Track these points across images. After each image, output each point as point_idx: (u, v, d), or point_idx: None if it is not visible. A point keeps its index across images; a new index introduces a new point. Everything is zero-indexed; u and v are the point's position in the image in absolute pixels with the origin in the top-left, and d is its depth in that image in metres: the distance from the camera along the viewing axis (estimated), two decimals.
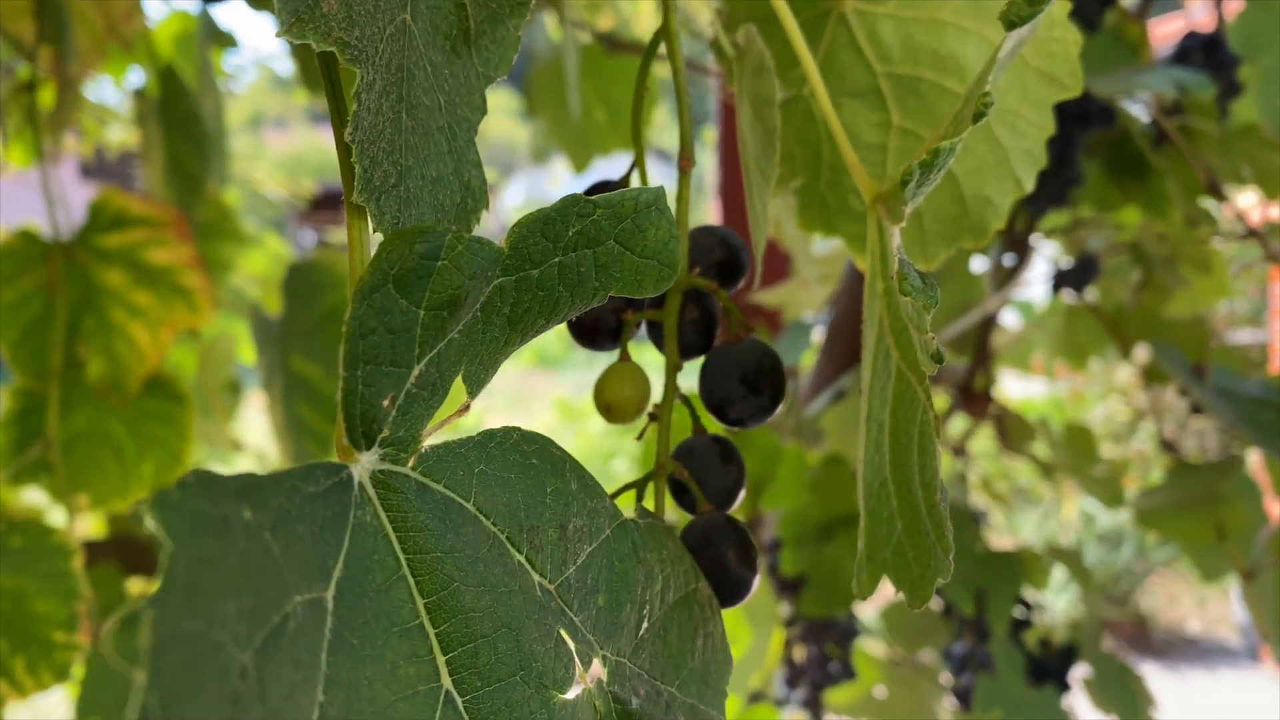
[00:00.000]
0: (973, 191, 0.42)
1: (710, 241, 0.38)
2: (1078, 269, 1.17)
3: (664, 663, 0.28)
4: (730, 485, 0.36)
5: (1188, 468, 1.23)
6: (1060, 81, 0.41)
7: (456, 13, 0.28)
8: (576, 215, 0.23)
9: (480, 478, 0.24)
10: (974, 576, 1.23)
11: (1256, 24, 0.88)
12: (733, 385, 0.36)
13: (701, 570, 0.32)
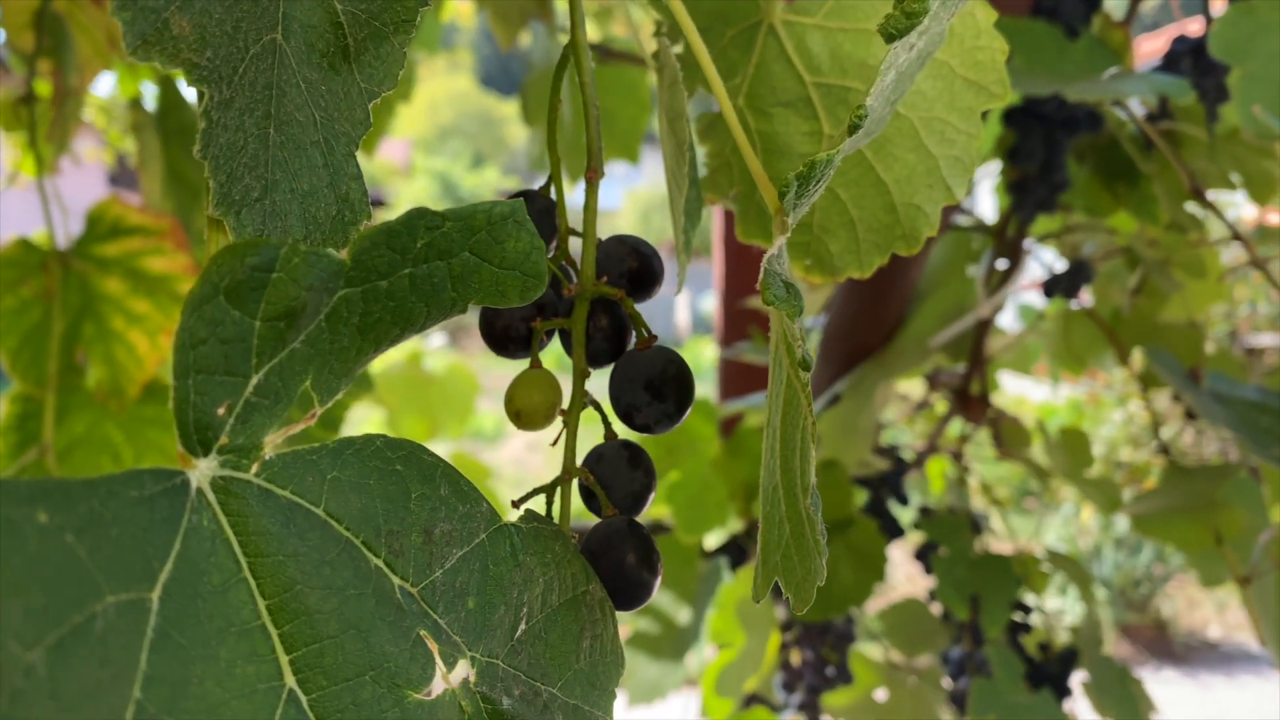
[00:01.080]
0: (903, 200, 0.43)
1: (621, 251, 0.39)
2: (1070, 274, 1.17)
3: (545, 664, 0.28)
4: (637, 490, 0.37)
5: (1183, 472, 1.23)
6: (988, 90, 0.41)
7: (333, 31, 0.29)
8: (424, 228, 0.24)
9: (333, 484, 0.24)
10: (969, 581, 1.24)
11: (1237, 29, 0.88)
12: (638, 392, 0.36)
13: (600, 574, 0.33)
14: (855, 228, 0.43)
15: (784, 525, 0.30)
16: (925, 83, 0.41)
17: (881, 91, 0.30)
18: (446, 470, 0.27)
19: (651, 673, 1.33)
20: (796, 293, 0.25)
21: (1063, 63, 0.90)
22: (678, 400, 0.36)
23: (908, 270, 1.21)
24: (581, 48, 0.36)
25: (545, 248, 0.25)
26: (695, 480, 1.33)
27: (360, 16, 0.29)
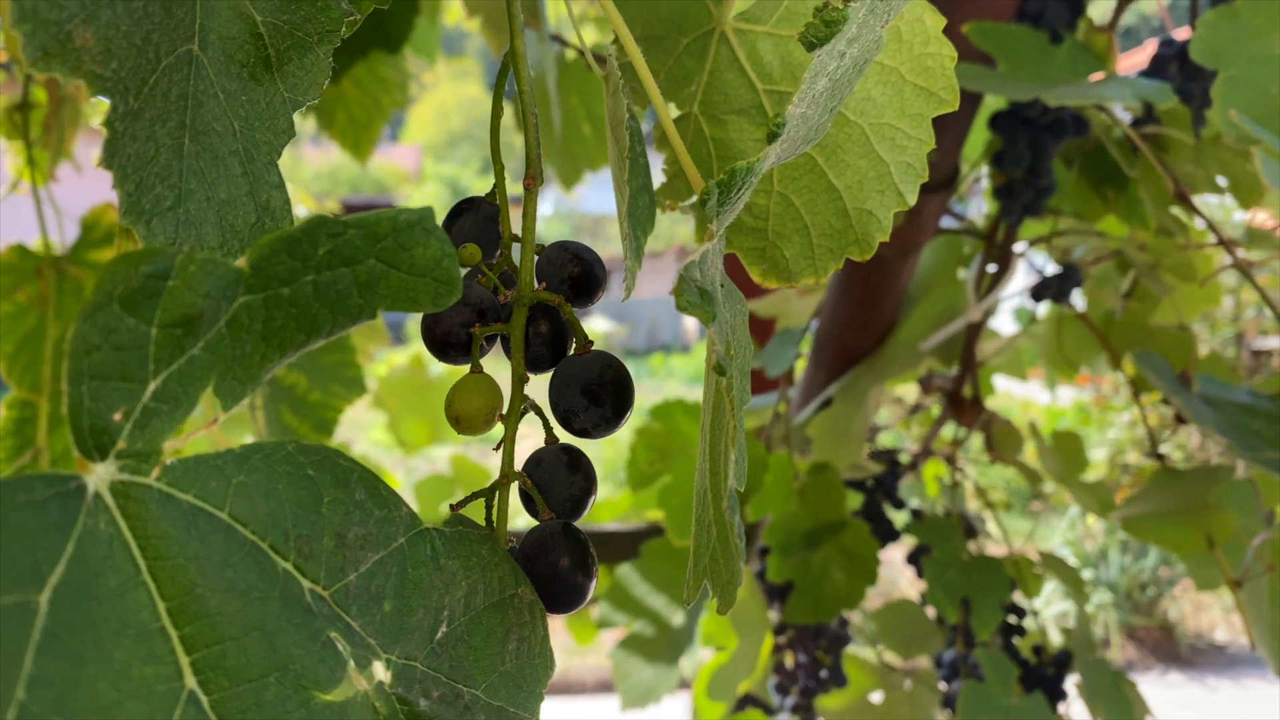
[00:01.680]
0: (855, 205, 0.43)
1: (563, 257, 0.39)
2: (1059, 278, 1.17)
3: (468, 666, 0.29)
4: (576, 494, 0.37)
5: (1174, 474, 1.23)
6: (938, 96, 0.42)
7: (253, 42, 0.29)
8: (326, 235, 0.24)
9: (239, 488, 0.25)
10: (960, 584, 1.24)
11: (1219, 33, 0.88)
12: (575, 397, 0.37)
13: (535, 577, 0.34)
14: (809, 233, 0.44)
15: (712, 529, 0.31)
16: (875, 89, 0.41)
17: (814, 98, 0.30)
18: (364, 475, 0.27)
19: (646, 676, 1.33)
20: (710, 298, 0.25)
21: (1046, 67, 0.91)
22: (615, 405, 0.37)
23: (898, 275, 1.22)
24: (520, 56, 0.37)
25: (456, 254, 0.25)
26: (688, 483, 1.33)
27: (282, 27, 0.30)
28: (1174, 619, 5.11)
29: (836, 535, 1.29)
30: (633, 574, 1.41)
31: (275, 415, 1.05)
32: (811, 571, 1.28)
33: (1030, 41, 0.92)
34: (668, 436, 1.33)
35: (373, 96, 1.25)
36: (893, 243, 1.16)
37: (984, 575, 1.25)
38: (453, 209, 0.41)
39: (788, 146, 0.32)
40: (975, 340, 1.28)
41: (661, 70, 0.45)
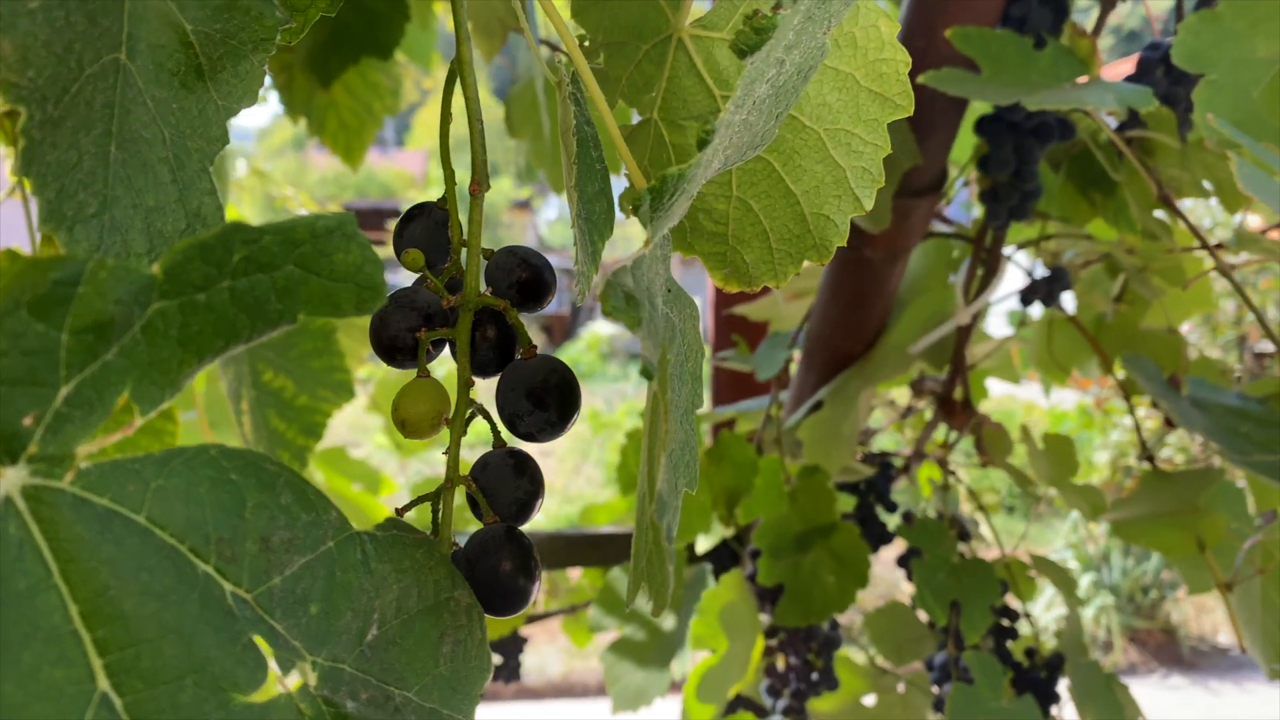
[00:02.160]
0: (813, 210, 0.43)
1: (511, 262, 0.40)
2: (1047, 281, 1.18)
3: (400, 668, 0.29)
4: (521, 498, 0.37)
5: (1164, 477, 1.23)
6: (893, 101, 0.42)
7: (183, 51, 0.30)
8: (241, 241, 0.24)
9: (157, 492, 0.25)
10: (949, 587, 1.24)
11: (1200, 37, 0.88)
12: (520, 401, 0.37)
13: (476, 580, 0.34)
14: (769, 238, 0.44)
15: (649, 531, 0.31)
16: (831, 95, 0.42)
17: (756, 105, 0.31)
18: (291, 479, 0.27)
19: (637, 679, 1.33)
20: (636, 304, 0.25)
21: (1028, 71, 0.91)
22: (560, 408, 0.37)
23: (887, 278, 1.22)
24: (466, 63, 0.37)
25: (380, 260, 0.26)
26: None
27: (214, 36, 0.30)
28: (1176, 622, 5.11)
29: (827, 538, 1.29)
30: (623, 577, 1.41)
31: (262, 419, 1.05)
32: (802, 574, 1.28)
33: (1013, 46, 0.92)
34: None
35: (364, 102, 1.25)
36: (881, 246, 1.17)
37: (974, 578, 1.25)
38: (404, 214, 0.41)
39: (732, 153, 0.32)
40: (965, 343, 1.28)
41: (623, 76, 0.45)
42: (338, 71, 1.17)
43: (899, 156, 1.03)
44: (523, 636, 1.98)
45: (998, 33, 0.92)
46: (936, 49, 0.99)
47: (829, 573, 1.28)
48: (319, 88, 1.20)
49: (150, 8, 0.29)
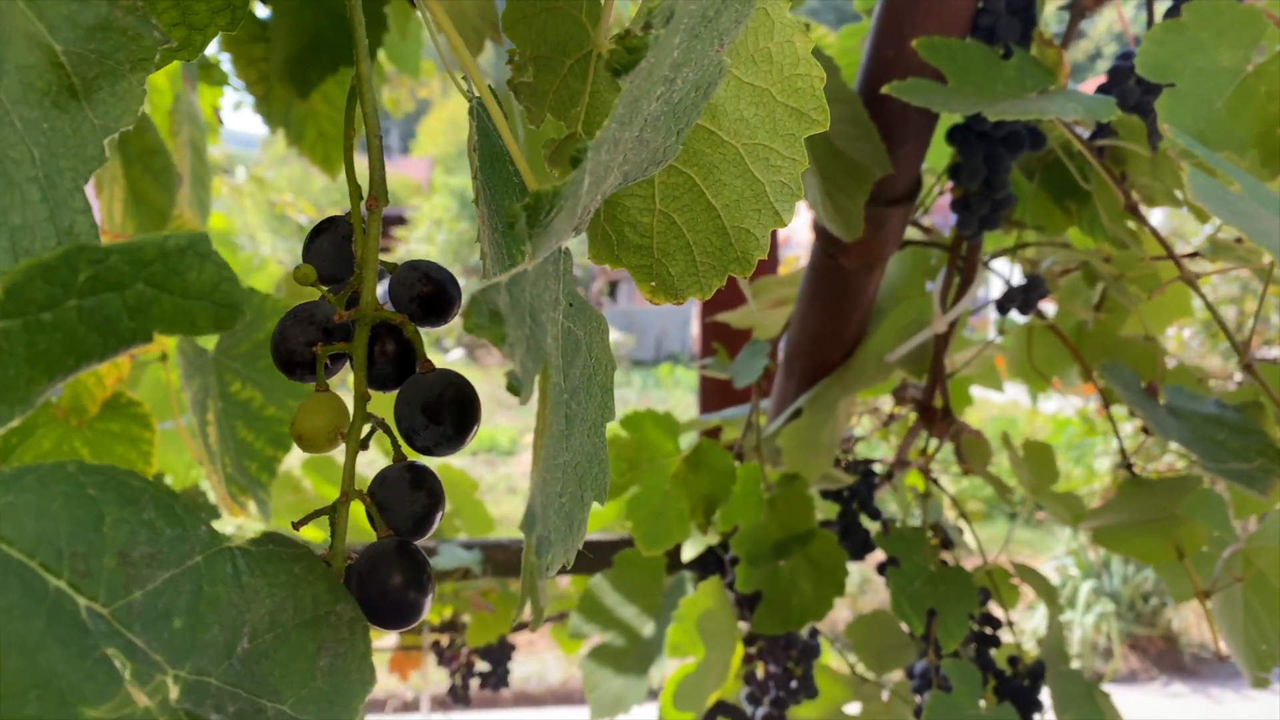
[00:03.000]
0: (733, 224, 0.44)
1: (413, 276, 0.40)
2: (1024, 289, 1.18)
3: (273, 681, 0.30)
4: (419, 512, 0.38)
5: (1141, 484, 1.23)
6: (808, 116, 0.42)
7: (54, 72, 0.30)
8: (86, 261, 0.25)
9: (6, 508, 0.25)
10: (926, 595, 1.24)
11: (1165, 48, 0.88)
12: (416, 416, 0.37)
13: (364, 594, 0.34)
14: (692, 251, 0.45)
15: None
16: (748, 110, 0.42)
17: (649, 121, 0.31)
18: (157, 495, 0.28)
19: (615, 686, 1.34)
20: (501, 319, 0.25)
21: (993, 81, 0.91)
22: (456, 423, 0.37)
23: (864, 287, 1.22)
24: (365, 80, 0.38)
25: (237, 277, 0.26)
26: (656, 494, 1.34)
27: (89, 56, 0.31)
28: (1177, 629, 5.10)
29: (805, 546, 1.30)
30: (604, 584, 1.41)
31: (229, 430, 1.06)
32: (780, 582, 1.29)
33: (978, 56, 0.92)
34: (637, 447, 1.34)
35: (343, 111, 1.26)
36: (856, 255, 1.17)
37: (952, 586, 1.25)
38: (314, 228, 0.42)
39: (631, 169, 0.33)
40: (943, 351, 1.28)
41: (550, 91, 0.46)
42: (316, 82, 1.18)
43: (870, 166, 1.03)
44: (511, 644, 1.98)
45: (964, 43, 0.93)
46: (905, 59, 1.00)
47: (807, 581, 1.29)
48: (297, 98, 1.20)
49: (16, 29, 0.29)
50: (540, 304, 0.29)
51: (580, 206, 0.30)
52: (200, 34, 0.33)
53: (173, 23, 0.34)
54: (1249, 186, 0.76)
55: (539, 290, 0.30)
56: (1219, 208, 0.67)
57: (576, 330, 0.33)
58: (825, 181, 1.06)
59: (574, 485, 0.33)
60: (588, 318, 0.35)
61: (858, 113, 1.02)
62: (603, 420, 0.35)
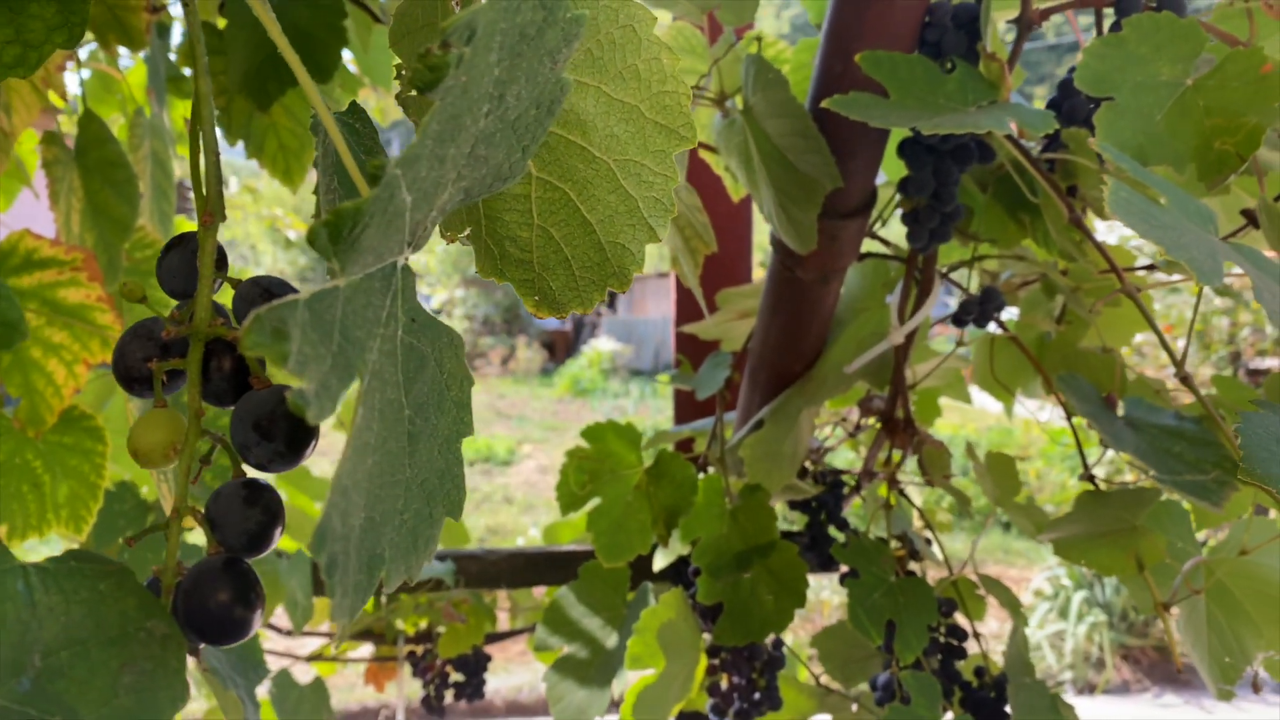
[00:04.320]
0: (609, 239, 0.44)
1: (254, 292, 0.40)
2: (979, 301, 1.18)
3: (69, 699, 0.30)
4: (253, 529, 0.37)
5: (1099, 496, 1.23)
6: (677, 133, 0.43)
7: None
8: None
9: None
10: (886, 607, 1.24)
11: (1104, 62, 0.89)
12: (248, 432, 0.37)
13: (189, 610, 0.35)
14: (571, 265, 0.45)
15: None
16: (617, 127, 0.43)
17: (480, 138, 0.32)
18: None
19: (578, 698, 1.34)
20: (284, 337, 0.26)
21: (934, 95, 0.92)
22: (288, 440, 0.37)
23: (822, 299, 1.23)
24: (204, 96, 0.38)
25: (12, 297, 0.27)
26: (618, 506, 1.34)
27: None
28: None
29: (766, 557, 1.30)
30: (569, 596, 1.41)
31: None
32: (741, 593, 1.29)
33: (920, 70, 0.93)
34: (599, 458, 1.34)
35: (304, 124, 1.27)
36: (812, 268, 1.18)
37: (911, 598, 1.26)
38: (166, 244, 0.42)
39: (472, 184, 0.33)
40: (903, 362, 1.29)
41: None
42: (275, 95, 1.18)
43: (820, 179, 1.04)
44: (486, 654, 1.98)
45: (908, 57, 0.93)
46: (852, 74, 1.00)
47: (768, 592, 1.29)
48: (258, 111, 1.21)
49: None
50: (357, 321, 0.30)
51: (406, 222, 0.31)
52: (36, 52, 0.34)
53: (6, 40, 0.34)
54: (1177, 200, 0.77)
55: (357, 307, 0.30)
56: (1137, 221, 0.68)
57: (421, 346, 0.34)
58: (778, 194, 1.07)
59: (420, 502, 0.34)
60: (436, 334, 0.35)
61: (807, 126, 1.03)
62: (457, 435, 0.36)
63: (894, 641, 1.21)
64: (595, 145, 0.43)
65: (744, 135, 1.09)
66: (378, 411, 0.31)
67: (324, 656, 1.93)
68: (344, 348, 0.28)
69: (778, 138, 1.05)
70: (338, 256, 0.28)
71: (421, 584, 1.76)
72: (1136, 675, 4.93)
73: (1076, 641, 5.04)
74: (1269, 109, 0.88)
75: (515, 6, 0.30)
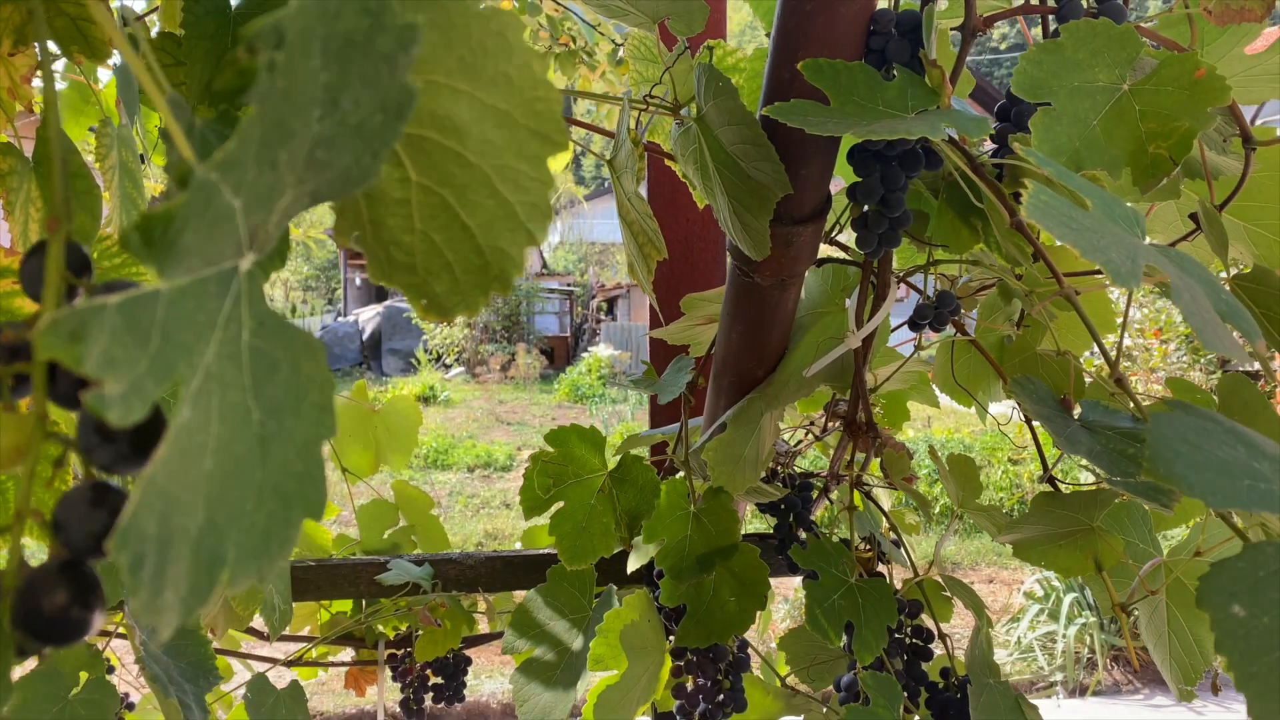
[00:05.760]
0: (489, 244, 0.46)
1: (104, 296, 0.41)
2: (934, 306, 1.19)
3: None
4: (98, 531, 0.38)
5: (1055, 498, 1.24)
6: (550, 138, 0.44)
7: None
8: None
9: None
10: (845, 608, 1.25)
11: (1041, 68, 0.90)
12: (90, 434, 0.38)
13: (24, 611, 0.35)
14: (454, 270, 0.46)
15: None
16: (492, 132, 0.44)
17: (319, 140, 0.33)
18: None
19: (543, 700, 1.35)
20: (80, 339, 0.27)
21: (874, 102, 0.93)
22: (131, 442, 0.38)
23: (780, 304, 1.24)
24: (50, 104, 0.39)
25: None
26: (581, 510, 1.35)
27: None
28: None
29: (728, 559, 1.31)
30: (537, 598, 1.43)
31: None
32: (703, 595, 1.30)
33: (862, 77, 0.94)
34: (562, 462, 1.35)
35: None
36: (769, 273, 1.19)
37: (871, 600, 1.26)
38: (28, 250, 0.43)
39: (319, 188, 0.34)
40: (862, 366, 1.30)
41: None
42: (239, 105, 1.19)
43: (771, 186, 1.05)
44: (466, 657, 1.99)
45: (849, 64, 0.94)
46: (800, 81, 1.01)
47: (730, 593, 1.30)
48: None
49: None
50: (183, 324, 0.30)
51: (239, 226, 0.32)
52: None
53: None
54: (1102, 203, 0.78)
55: (185, 310, 0.31)
56: (1054, 224, 0.69)
57: (272, 350, 0.34)
58: (732, 201, 1.08)
59: (275, 505, 0.34)
60: (290, 338, 0.36)
61: (757, 134, 1.04)
62: (317, 438, 0.36)
63: (854, 642, 1.22)
64: (471, 151, 0.44)
65: (699, 143, 1.10)
66: (217, 414, 0.32)
67: (304, 661, 1.95)
68: (164, 350, 0.29)
69: (730, 145, 1.06)
70: (153, 259, 0.29)
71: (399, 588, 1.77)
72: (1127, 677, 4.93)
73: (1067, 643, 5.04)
74: (1202, 113, 0.89)
75: (335, 12, 0.31)
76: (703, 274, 1.91)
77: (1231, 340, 0.71)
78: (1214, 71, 0.88)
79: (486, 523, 8.58)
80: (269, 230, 0.34)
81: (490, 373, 18.54)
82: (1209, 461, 0.62)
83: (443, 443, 11.92)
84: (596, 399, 14.52)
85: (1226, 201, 1.10)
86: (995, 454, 9.26)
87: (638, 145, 1.17)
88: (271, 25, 0.30)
